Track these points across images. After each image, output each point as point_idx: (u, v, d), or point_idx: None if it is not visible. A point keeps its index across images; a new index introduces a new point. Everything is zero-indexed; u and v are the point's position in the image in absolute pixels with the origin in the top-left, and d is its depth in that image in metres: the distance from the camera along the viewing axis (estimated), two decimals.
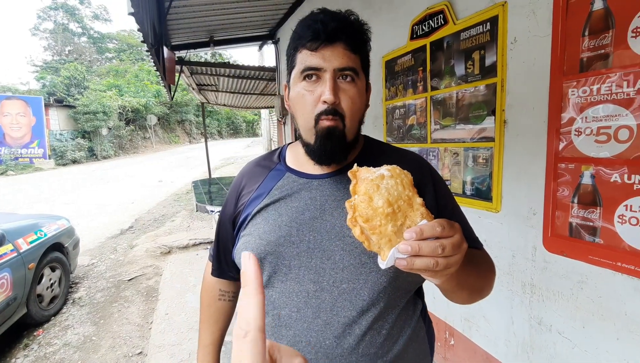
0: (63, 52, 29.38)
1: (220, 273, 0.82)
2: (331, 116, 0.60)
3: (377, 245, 0.43)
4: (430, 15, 1.82)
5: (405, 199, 0.44)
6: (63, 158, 17.52)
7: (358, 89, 0.63)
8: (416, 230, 0.41)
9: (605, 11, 1.09)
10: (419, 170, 0.69)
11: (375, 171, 0.46)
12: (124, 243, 4.91)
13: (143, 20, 1.47)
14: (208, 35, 4.35)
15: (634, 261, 1.07)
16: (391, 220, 0.42)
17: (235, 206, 0.73)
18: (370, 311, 0.60)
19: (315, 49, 0.59)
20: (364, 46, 0.65)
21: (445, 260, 0.41)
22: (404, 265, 0.41)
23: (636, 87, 1.03)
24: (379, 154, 0.73)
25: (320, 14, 0.62)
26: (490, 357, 1.66)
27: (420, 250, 0.40)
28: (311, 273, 0.61)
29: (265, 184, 0.70)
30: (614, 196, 1.10)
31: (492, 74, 1.50)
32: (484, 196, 1.61)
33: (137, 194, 8.80)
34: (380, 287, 0.60)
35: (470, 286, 0.59)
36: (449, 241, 0.41)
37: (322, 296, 0.60)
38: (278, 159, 0.75)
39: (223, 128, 36.39)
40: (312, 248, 0.62)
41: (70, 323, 2.83)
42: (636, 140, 1.04)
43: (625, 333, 1.11)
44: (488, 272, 0.65)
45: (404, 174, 0.46)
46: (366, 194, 0.43)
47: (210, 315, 0.84)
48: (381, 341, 0.60)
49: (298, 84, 0.63)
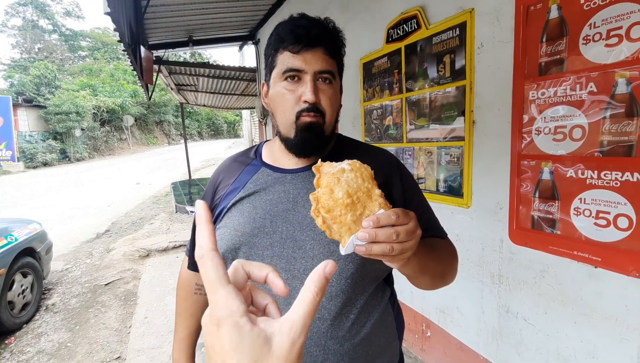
0: (32, 50, 28.05)
1: (197, 267, 0.83)
2: (313, 113, 0.64)
3: (338, 233, 0.46)
4: (404, 19, 1.89)
5: (365, 191, 0.47)
6: (33, 161, 16.71)
7: (335, 90, 0.68)
8: (373, 219, 0.44)
9: (560, 20, 1.18)
10: (387, 165, 0.74)
11: (337, 165, 0.49)
12: (100, 247, 4.76)
13: (119, 19, 1.45)
14: (187, 35, 4.30)
15: (588, 250, 1.16)
16: (350, 210, 0.45)
17: (212, 200, 0.76)
18: (338, 297, 0.63)
19: (297, 52, 0.63)
20: (340, 52, 0.70)
21: (400, 246, 0.45)
22: (362, 251, 0.45)
23: (587, 89, 1.13)
24: (351, 150, 0.77)
25: (302, 19, 0.66)
26: (463, 345, 1.74)
27: (376, 237, 0.44)
28: (283, 262, 0.64)
29: (240, 178, 0.73)
30: (570, 190, 1.19)
31: (462, 77, 1.58)
32: (455, 193, 1.69)
33: (114, 197, 8.52)
34: (347, 274, 0.64)
35: (432, 271, 0.63)
36: (403, 228, 0.45)
37: (293, 284, 0.63)
38: (254, 155, 0.78)
39: (204, 129, 35.72)
40: (285, 238, 0.65)
41: (44, 330, 2.73)
42: (588, 138, 1.14)
43: (581, 317, 1.21)
44: (450, 258, 0.70)
45: (364, 168, 0.50)
46: (327, 186, 0.46)
47: (185, 308, 0.85)
48: (349, 325, 0.64)
49: (279, 84, 0.66)
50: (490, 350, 1.58)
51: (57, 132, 18.15)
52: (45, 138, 17.98)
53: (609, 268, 1.12)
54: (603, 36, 1.08)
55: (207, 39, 4.66)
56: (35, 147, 17.10)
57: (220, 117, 36.57)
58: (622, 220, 1.07)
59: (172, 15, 3.51)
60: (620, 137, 1.06)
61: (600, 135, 1.11)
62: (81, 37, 31.86)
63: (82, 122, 18.72)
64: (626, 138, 1.05)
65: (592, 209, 1.14)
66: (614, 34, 1.06)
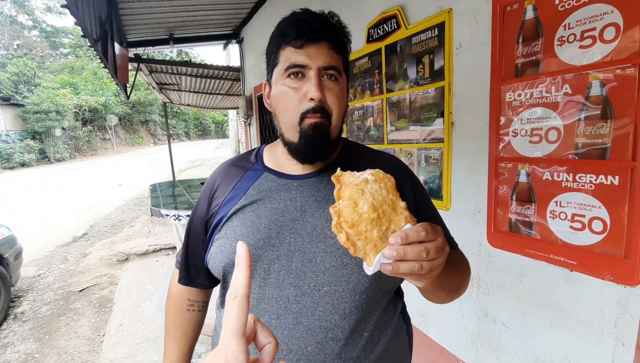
0: (11, 46, 27.07)
1: (189, 280, 0.76)
2: (319, 114, 0.59)
3: (362, 250, 0.42)
4: (384, 19, 1.86)
5: (390, 204, 0.43)
6: (10, 161, 16.09)
7: (341, 88, 0.63)
8: (401, 235, 0.40)
9: (536, 20, 1.17)
10: (398, 172, 0.69)
11: (359, 175, 0.45)
12: (76, 252, 4.59)
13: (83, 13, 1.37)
14: (167, 33, 4.19)
15: (564, 253, 1.15)
16: (376, 225, 0.42)
17: (208, 207, 0.69)
18: (352, 314, 0.58)
19: (301, 47, 0.59)
20: (346, 47, 0.65)
21: (430, 264, 0.42)
22: (389, 270, 0.41)
23: (562, 91, 1.11)
24: (357, 155, 0.73)
25: (304, 13, 0.62)
26: (444, 350, 1.72)
27: (405, 255, 0.40)
28: (291, 277, 0.59)
29: (240, 184, 0.67)
30: (546, 192, 1.18)
31: (441, 78, 1.56)
32: (435, 195, 1.67)
33: (94, 199, 8.27)
34: (362, 288, 0.59)
35: (449, 286, 0.59)
36: (433, 245, 0.42)
37: (303, 301, 0.58)
38: (255, 159, 0.71)
39: (191, 129, 35.19)
40: (293, 250, 0.60)
41: (10, 341, 2.59)
42: (563, 140, 1.13)
43: (558, 321, 1.20)
44: (465, 270, 0.67)
45: (387, 178, 0.46)
46: (351, 199, 0.42)
47: (177, 327, 0.77)
48: (363, 344, 0.59)
49: (281, 82, 0.61)
50: (470, 354, 1.57)
51: (35, 132, 17.55)
52: (23, 138, 17.36)
53: (584, 271, 1.11)
54: (577, 37, 1.07)
55: (189, 37, 4.55)
56: (12, 147, 16.47)
57: (208, 117, 36.14)
58: (596, 223, 1.06)
59: (151, 11, 3.40)
60: (594, 139, 1.05)
61: (575, 137, 1.10)
62: (63, 34, 30.92)
63: (63, 121, 18.15)
64: (600, 140, 1.04)
65: (568, 212, 1.13)
66: (587, 35, 1.05)
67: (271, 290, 0.59)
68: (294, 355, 0.57)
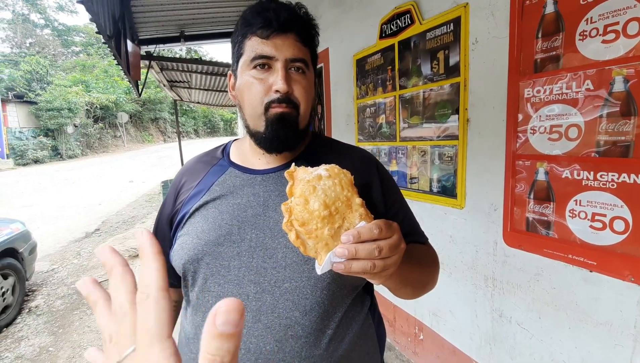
0: (24, 44, 27.59)
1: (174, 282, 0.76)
2: (284, 104, 0.58)
3: (313, 249, 0.41)
4: (398, 14, 1.84)
5: (344, 200, 0.42)
6: (23, 158, 16.44)
7: (309, 81, 0.62)
8: (353, 233, 0.40)
9: (556, 14, 1.14)
10: (366, 166, 0.68)
11: (313, 171, 0.44)
12: (88, 247, 4.67)
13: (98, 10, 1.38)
14: (178, 30, 4.20)
15: (583, 253, 1.12)
16: (328, 223, 0.41)
17: (173, 204, 0.69)
18: (314, 311, 0.57)
19: (267, 37, 0.58)
20: (314, 40, 0.64)
21: (383, 262, 0.41)
22: (341, 269, 0.40)
23: (583, 87, 1.08)
24: (326, 149, 0.71)
25: (270, 2, 0.60)
26: (456, 350, 1.70)
27: (357, 253, 0.39)
28: (252, 273, 0.57)
29: (205, 180, 0.66)
30: (566, 191, 1.15)
31: (456, 74, 1.54)
32: (449, 193, 1.65)
33: (106, 195, 8.40)
34: (324, 284, 0.57)
35: (413, 281, 0.58)
36: (386, 243, 0.41)
37: (262, 298, 0.56)
38: (221, 155, 0.71)
39: (200, 127, 35.44)
40: (254, 246, 0.58)
41: (25, 334, 2.65)
42: (584, 138, 1.10)
43: (576, 323, 1.17)
44: (432, 267, 0.65)
45: (343, 173, 0.45)
46: (302, 196, 0.41)
47: None
48: (326, 341, 0.57)
49: (247, 73, 0.60)
50: (483, 354, 1.55)
51: (48, 129, 17.87)
52: (36, 135, 17.70)
53: (604, 272, 1.08)
54: (600, 32, 1.04)
55: (199, 35, 4.56)
56: (25, 144, 16.82)
57: (217, 115, 36.33)
58: (618, 223, 1.03)
59: (162, 8, 3.42)
60: (617, 137, 1.02)
61: (596, 135, 1.07)
62: (74, 32, 31.36)
63: (75, 118, 18.45)
64: (623, 137, 1.01)
65: (588, 211, 1.10)
66: (611, 30, 1.01)
67: (231, 287, 0.58)
68: (252, 354, 0.55)
